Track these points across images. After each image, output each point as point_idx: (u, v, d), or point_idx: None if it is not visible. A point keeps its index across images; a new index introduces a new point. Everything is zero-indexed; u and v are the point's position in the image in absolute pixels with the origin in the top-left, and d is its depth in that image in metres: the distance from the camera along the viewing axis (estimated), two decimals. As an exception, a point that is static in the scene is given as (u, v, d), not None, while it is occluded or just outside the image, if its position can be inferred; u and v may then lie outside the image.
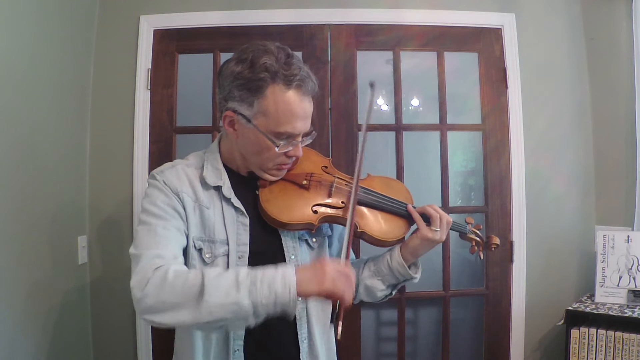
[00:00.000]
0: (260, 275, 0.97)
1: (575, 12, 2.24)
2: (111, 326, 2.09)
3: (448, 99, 2.19)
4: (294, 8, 2.14)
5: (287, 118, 1.09)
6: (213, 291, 0.95)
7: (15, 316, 1.61)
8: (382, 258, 1.29)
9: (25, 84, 1.67)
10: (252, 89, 1.07)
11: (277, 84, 1.07)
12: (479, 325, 2.26)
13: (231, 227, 1.14)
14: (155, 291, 0.97)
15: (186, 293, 0.96)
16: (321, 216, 1.18)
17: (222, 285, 0.96)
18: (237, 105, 1.10)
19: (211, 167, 1.18)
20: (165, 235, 1.07)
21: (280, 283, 0.96)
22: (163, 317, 0.97)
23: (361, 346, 2.17)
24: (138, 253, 1.04)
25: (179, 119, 2.14)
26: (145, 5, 2.13)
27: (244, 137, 1.13)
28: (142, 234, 1.08)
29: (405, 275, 1.25)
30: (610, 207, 2.17)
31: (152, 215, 1.10)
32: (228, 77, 1.10)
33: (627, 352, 1.78)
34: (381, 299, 1.32)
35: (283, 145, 1.11)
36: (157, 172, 1.16)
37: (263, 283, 0.96)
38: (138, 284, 0.99)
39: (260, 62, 1.07)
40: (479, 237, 1.35)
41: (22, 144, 1.66)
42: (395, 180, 1.38)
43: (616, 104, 2.14)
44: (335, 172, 1.27)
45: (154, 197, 1.12)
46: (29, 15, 1.69)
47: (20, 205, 1.65)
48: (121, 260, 2.09)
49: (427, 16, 2.17)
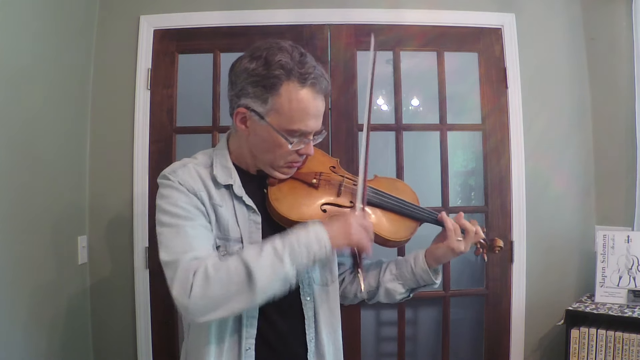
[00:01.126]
0: (295, 241, 1.02)
1: (575, 12, 2.24)
2: (111, 326, 2.10)
3: (448, 99, 2.19)
4: (294, 8, 2.14)
5: (301, 116, 1.09)
6: (260, 272, 0.98)
7: (15, 316, 1.61)
8: (404, 263, 1.29)
9: (25, 84, 1.67)
10: (266, 86, 1.07)
11: (292, 82, 1.07)
12: (479, 325, 2.26)
13: (244, 225, 1.14)
14: (202, 292, 0.98)
15: (235, 282, 0.99)
16: (330, 215, 1.18)
17: (266, 264, 0.99)
18: (251, 102, 1.09)
19: (220, 166, 1.17)
20: (196, 235, 1.06)
21: (316, 244, 1.02)
22: (218, 313, 1.00)
23: (361, 346, 2.17)
24: (174, 259, 1.02)
25: (179, 119, 2.14)
26: (145, 5, 2.14)
27: (256, 134, 1.12)
28: (171, 237, 1.05)
29: (427, 280, 1.27)
30: (610, 207, 2.17)
31: (176, 216, 1.07)
32: (241, 73, 1.10)
33: (627, 352, 1.78)
34: (399, 300, 1.33)
35: (296, 143, 1.11)
36: (169, 172, 1.14)
37: (301, 247, 1.01)
38: (182, 292, 0.98)
39: (276, 60, 1.07)
40: (483, 240, 1.36)
41: (22, 143, 1.67)
42: (401, 181, 1.38)
43: (616, 104, 2.14)
44: (343, 172, 1.27)
45: (174, 198, 1.09)
46: (28, 15, 1.69)
47: (21, 205, 1.65)
48: (121, 260, 2.10)
49: (427, 16, 2.17)
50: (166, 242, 1.06)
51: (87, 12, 2.09)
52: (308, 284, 1.19)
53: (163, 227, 1.08)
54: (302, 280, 1.18)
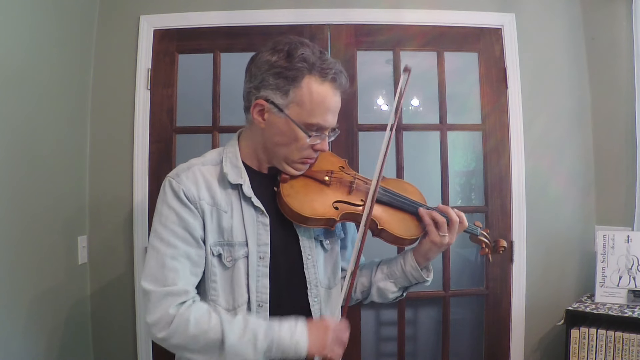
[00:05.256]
0: (276, 340, 1.04)
1: (575, 12, 2.24)
2: (111, 326, 2.09)
3: (448, 99, 2.19)
4: (294, 8, 2.14)
5: (320, 110, 1.10)
6: (232, 354, 1.03)
7: (15, 316, 1.61)
8: (395, 261, 1.30)
9: (25, 84, 1.67)
10: (288, 78, 1.08)
11: (314, 75, 1.09)
12: (479, 325, 2.26)
13: (251, 227, 1.14)
14: (180, 335, 1.03)
15: (208, 347, 1.03)
16: (342, 212, 1.19)
17: (240, 351, 1.03)
18: (271, 93, 1.10)
19: (230, 164, 1.16)
20: (174, 267, 1.07)
21: (293, 352, 1.05)
22: (186, 353, 1.06)
23: (361, 346, 2.17)
24: (148, 290, 1.06)
25: (179, 119, 2.14)
26: (145, 5, 2.13)
27: (274, 126, 1.12)
28: (151, 264, 1.08)
29: (418, 278, 1.28)
30: (610, 207, 2.17)
31: (160, 240, 1.09)
32: (263, 65, 1.11)
33: (627, 352, 1.78)
34: (392, 300, 1.34)
35: (313, 137, 1.12)
36: (173, 176, 1.13)
37: (278, 350, 1.04)
38: (159, 324, 1.04)
39: (298, 53, 1.08)
40: (488, 240, 1.36)
41: (22, 143, 1.67)
42: (408, 182, 1.39)
43: (616, 104, 2.14)
44: (352, 172, 1.28)
45: (164, 217, 1.10)
46: (28, 15, 1.69)
47: (21, 205, 1.65)
48: (121, 260, 2.10)
49: (427, 16, 2.17)
50: (147, 267, 1.09)
51: (87, 12, 2.09)
52: (315, 285, 1.19)
53: (149, 246, 1.11)
54: (310, 282, 1.19)
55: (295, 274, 1.18)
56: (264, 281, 1.13)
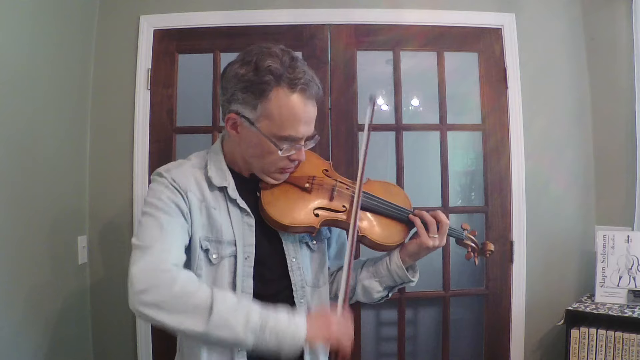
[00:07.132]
0: (272, 320, 0.98)
1: (575, 12, 2.24)
2: (111, 326, 2.09)
3: (448, 99, 2.19)
4: (293, 8, 2.14)
5: (291, 122, 1.08)
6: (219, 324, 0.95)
7: (15, 316, 1.61)
8: (381, 260, 1.30)
9: (24, 84, 1.67)
10: (256, 92, 1.07)
11: (282, 87, 1.06)
12: (479, 325, 2.26)
13: (238, 227, 1.14)
14: (161, 291, 0.95)
15: (190, 310, 0.95)
16: (322, 219, 1.18)
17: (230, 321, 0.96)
18: (241, 107, 1.09)
19: (215, 168, 1.17)
20: (171, 231, 1.05)
21: (290, 338, 0.98)
22: (160, 315, 0.95)
23: (361, 346, 2.17)
24: (144, 245, 1.01)
25: (179, 119, 2.14)
26: (145, 5, 2.13)
27: (247, 140, 1.12)
28: (147, 226, 1.05)
29: (403, 278, 1.27)
30: (610, 207, 2.17)
31: (156, 208, 1.07)
32: (232, 79, 1.10)
33: (627, 352, 1.78)
34: (377, 300, 1.33)
35: (286, 149, 1.10)
36: (163, 170, 1.14)
37: (273, 332, 0.97)
38: (142, 276, 0.96)
39: (265, 65, 1.06)
40: (474, 243, 1.36)
41: (22, 144, 1.66)
42: (395, 185, 1.38)
43: (616, 104, 2.14)
44: (336, 175, 1.27)
45: (159, 192, 1.09)
46: (28, 15, 1.69)
47: (20, 205, 1.65)
48: (121, 261, 2.09)
49: (427, 16, 2.17)
50: (141, 229, 1.05)
51: (87, 12, 2.09)
52: (301, 286, 1.19)
53: (143, 216, 1.08)
54: (295, 284, 1.18)
55: (279, 276, 1.18)
56: (248, 281, 1.12)
